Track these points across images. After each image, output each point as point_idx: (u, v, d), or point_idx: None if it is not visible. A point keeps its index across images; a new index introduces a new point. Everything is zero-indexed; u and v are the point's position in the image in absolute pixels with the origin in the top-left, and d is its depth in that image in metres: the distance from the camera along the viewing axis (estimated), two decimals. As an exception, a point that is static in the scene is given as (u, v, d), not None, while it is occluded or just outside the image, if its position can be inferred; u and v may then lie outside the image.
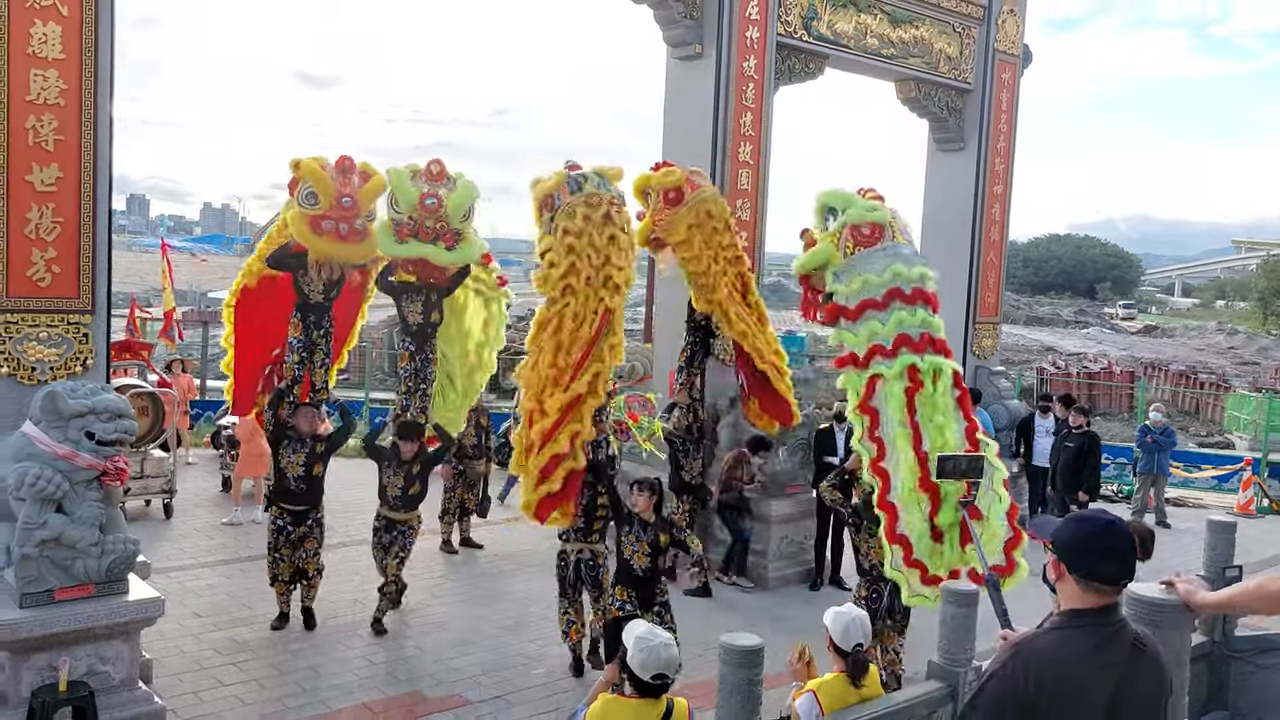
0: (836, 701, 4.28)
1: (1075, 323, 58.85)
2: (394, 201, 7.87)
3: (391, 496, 7.99)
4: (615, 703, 3.99)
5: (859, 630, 4.46)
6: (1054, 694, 2.64)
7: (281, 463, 7.79)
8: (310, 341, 8.12)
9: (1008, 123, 12.82)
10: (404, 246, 7.89)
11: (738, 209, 10.09)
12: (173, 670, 7.05)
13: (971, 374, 12.79)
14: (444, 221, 7.94)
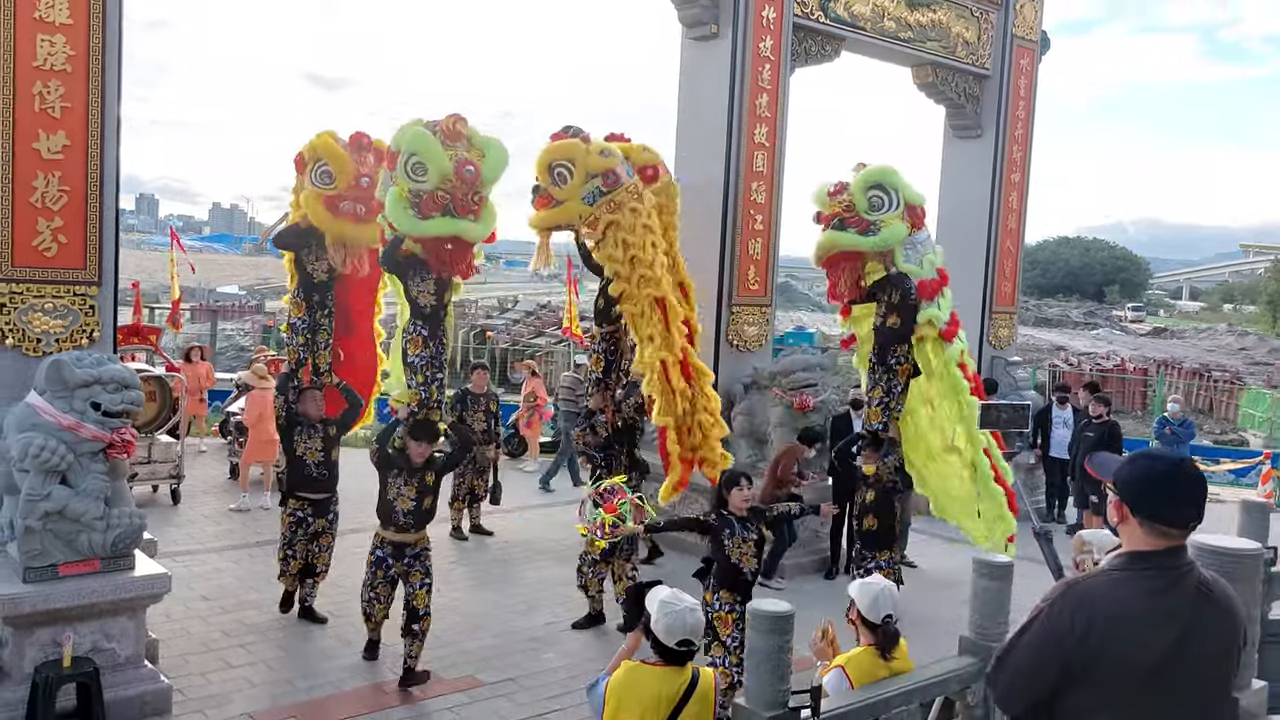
0: (866, 675, 4.12)
1: (1084, 324, 58.63)
2: (415, 169, 6.46)
3: (402, 512, 6.58)
4: (638, 670, 3.84)
5: (888, 601, 4.28)
6: (1105, 638, 2.47)
7: (298, 450, 7.42)
8: (314, 322, 7.73)
9: (1026, 110, 12.66)
10: (430, 223, 6.53)
11: (753, 192, 9.96)
12: (179, 651, 6.91)
13: (988, 364, 12.63)
14: (480, 192, 6.70)
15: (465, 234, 6.64)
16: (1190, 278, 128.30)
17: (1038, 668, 2.59)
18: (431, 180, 6.45)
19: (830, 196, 7.62)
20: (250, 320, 28.63)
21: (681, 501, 9.03)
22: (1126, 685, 2.45)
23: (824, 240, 7.61)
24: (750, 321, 10.08)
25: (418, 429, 6.67)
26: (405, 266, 6.95)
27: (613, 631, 7.79)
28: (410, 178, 6.47)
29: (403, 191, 6.57)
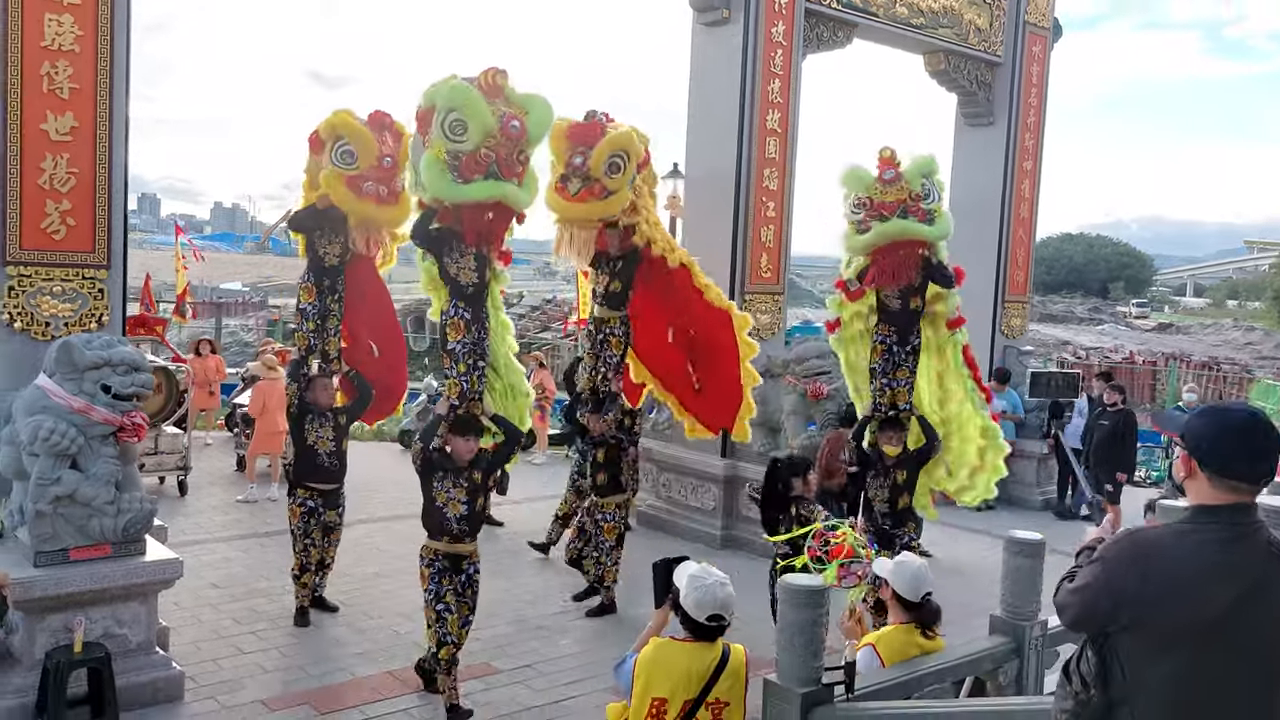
0: (897, 653, 4.04)
1: (1089, 320, 58.47)
2: (454, 127, 5.70)
3: (454, 519, 5.81)
4: (667, 646, 3.75)
5: (927, 579, 4.19)
6: (1163, 592, 2.39)
7: (309, 439, 7.20)
8: (324, 307, 7.47)
9: (1038, 97, 12.56)
10: (472, 187, 5.77)
11: (765, 179, 9.87)
12: (190, 638, 6.83)
13: (1000, 353, 12.54)
14: (525, 151, 6.00)
15: (509, 199, 5.88)
16: (1194, 274, 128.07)
17: (1089, 612, 2.53)
18: (473, 139, 5.69)
19: (885, 184, 7.39)
20: (255, 316, 28.58)
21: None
22: (1184, 638, 2.38)
23: (892, 228, 7.28)
24: (763, 310, 9.99)
25: (461, 424, 5.94)
26: (441, 241, 6.25)
27: (626, 619, 7.72)
28: (448, 137, 5.71)
29: (439, 153, 5.79)
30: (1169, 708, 2.40)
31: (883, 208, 7.33)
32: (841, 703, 3.48)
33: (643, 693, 3.67)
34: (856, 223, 7.49)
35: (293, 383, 7.41)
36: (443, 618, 5.86)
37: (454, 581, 5.91)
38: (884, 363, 7.80)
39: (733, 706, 3.73)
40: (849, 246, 7.61)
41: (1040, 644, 4.24)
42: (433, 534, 5.93)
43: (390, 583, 8.13)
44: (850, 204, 7.51)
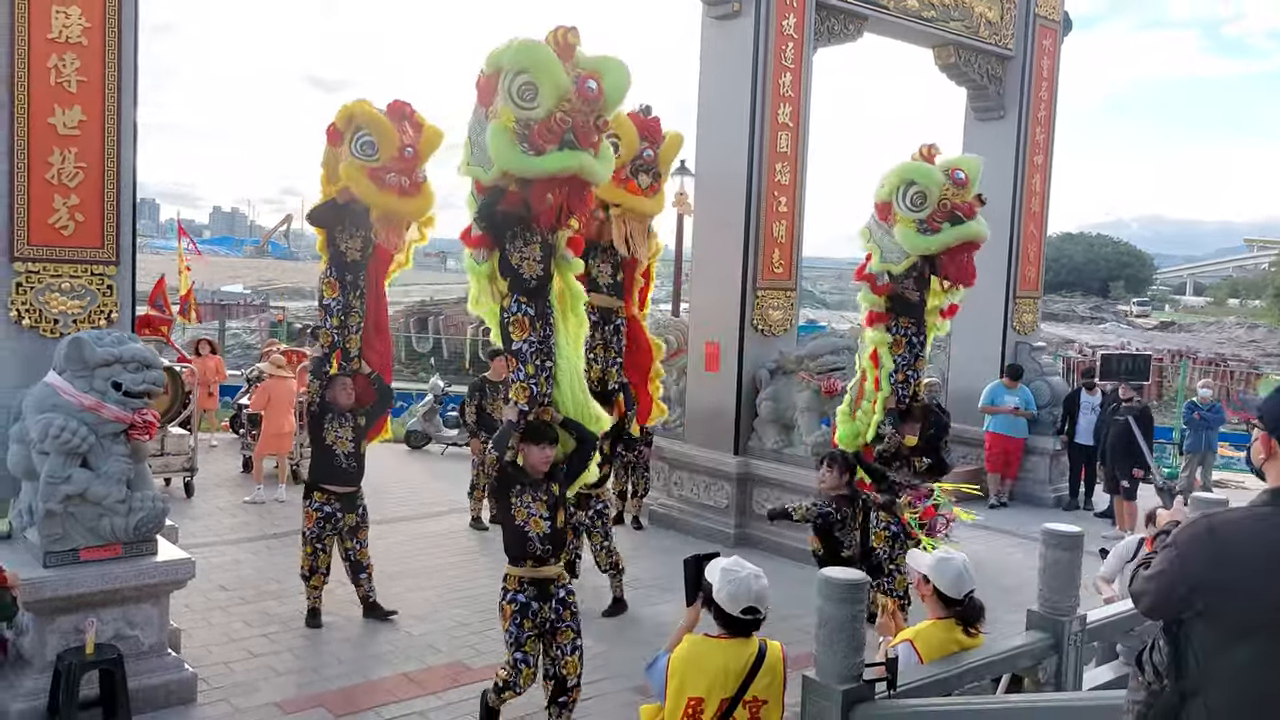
0: (936, 649, 3.93)
1: (1091, 319, 58.49)
2: (524, 92, 5.02)
3: (539, 538, 5.22)
4: (702, 643, 3.65)
5: (970, 576, 4.08)
6: (1238, 576, 2.29)
7: (328, 440, 7.02)
8: (347, 304, 7.26)
9: (1049, 91, 12.47)
10: (546, 158, 5.02)
11: (777, 173, 9.77)
12: (201, 641, 6.73)
13: (1012, 349, 12.45)
14: (603, 116, 5.24)
15: (586, 171, 5.11)
16: (1194, 273, 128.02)
17: (1164, 599, 2.43)
18: (545, 103, 4.99)
19: (958, 186, 7.32)
20: (257, 318, 28.48)
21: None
22: (1260, 625, 2.28)
23: (969, 231, 7.26)
24: (775, 305, 9.89)
25: (533, 432, 5.30)
26: (507, 225, 5.41)
27: (642, 617, 7.62)
28: (517, 103, 5.03)
29: (507, 122, 5.05)
30: (1242, 699, 2.30)
31: (957, 209, 7.24)
32: (883, 699, 3.37)
33: (678, 692, 3.56)
34: (919, 221, 7.29)
35: (314, 380, 7.20)
36: (518, 668, 5.27)
37: (539, 615, 5.30)
38: (906, 355, 7.73)
39: (771, 704, 3.63)
40: (912, 244, 7.33)
41: (1079, 639, 4.14)
42: (516, 559, 5.30)
43: (402, 584, 8.03)
44: (910, 199, 7.29)
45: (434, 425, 14.10)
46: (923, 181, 7.24)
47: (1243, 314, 71.35)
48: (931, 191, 7.21)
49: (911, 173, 7.31)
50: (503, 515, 5.34)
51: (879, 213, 7.53)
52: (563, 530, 5.39)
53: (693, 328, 10.43)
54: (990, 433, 11.89)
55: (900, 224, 7.32)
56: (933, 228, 7.24)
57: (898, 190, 7.32)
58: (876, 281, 7.67)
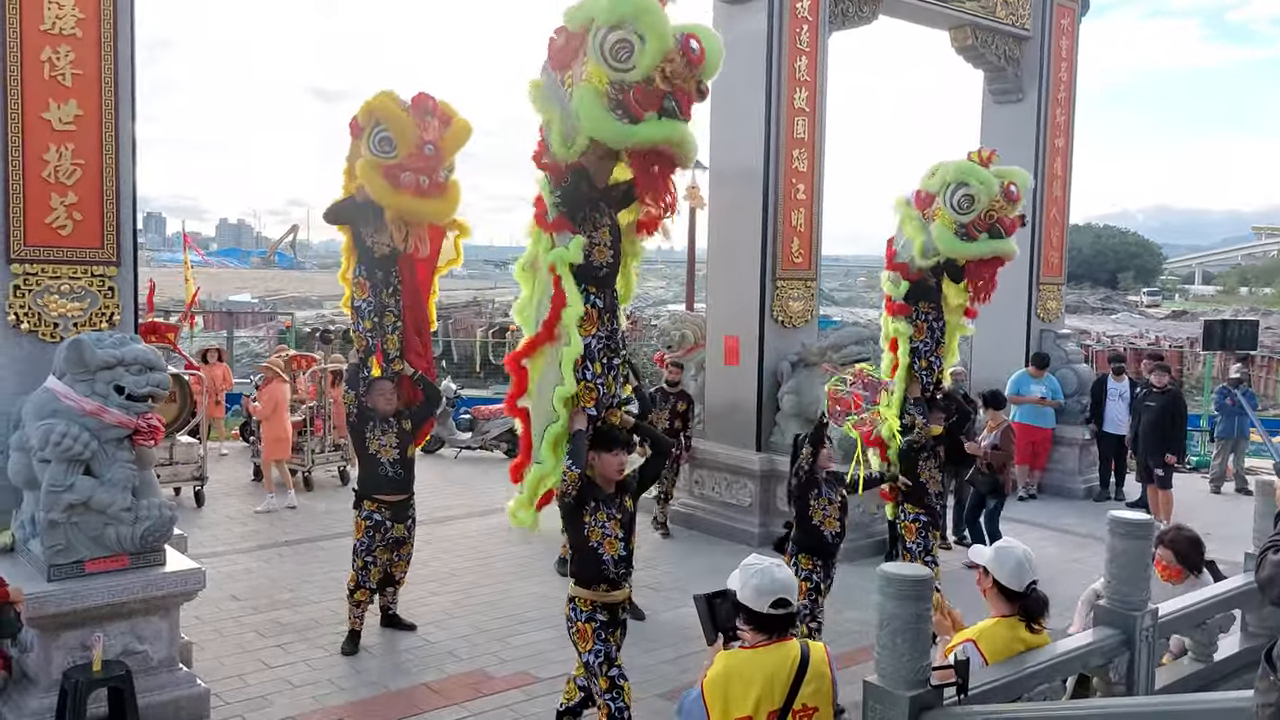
0: (1001, 649, 3.62)
1: (1102, 310, 58.25)
2: (616, 50, 4.39)
3: (613, 560, 4.79)
4: (737, 656, 3.33)
5: (1031, 566, 3.78)
6: None
7: (371, 448, 6.62)
8: (380, 303, 6.74)
9: (1068, 71, 12.17)
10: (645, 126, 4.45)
11: (795, 159, 9.50)
12: (213, 654, 6.49)
13: (1037, 337, 12.15)
14: (704, 84, 4.58)
15: (686, 144, 4.52)
16: (1202, 262, 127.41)
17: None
18: (646, 63, 4.32)
19: (1010, 202, 7.19)
20: (265, 327, 28.29)
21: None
22: None
23: (1005, 248, 7.26)
24: (795, 296, 9.61)
25: (604, 438, 4.85)
26: (584, 208, 4.94)
27: (661, 621, 7.35)
28: (611, 63, 4.39)
29: (601, 85, 4.43)
30: None
31: (1002, 223, 7.06)
32: (953, 705, 3.10)
33: (723, 716, 3.23)
34: (960, 224, 7.06)
35: (350, 390, 6.79)
36: (617, 685, 4.77)
37: (616, 638, 4.90)
38: (929, 340, 7.52)
39: (821, 713, 3.32)
40: (948, 246, 7.15)
41: (1152, 635, 3.86)
42: (586, 581, 4.82)
43: (419, 590, 7.77)
44: (958, 200, 7.04)
45: (447, 429, 13.85)
46: (977, 187, 7.01)
47: (1253, 301, 70.94)
48: (982, 199, 7.02)
49: (968, 174, 7.06)
50: (575, 536, 4.87)
51: (918, 202, 7.27)
52: (633, 551, 4.98)
53: (711, 321, 10.15)
54: (1016, 423, 11.55)
55: (940, 220, 7.11)
56: (971, 235, 7.06)
57: (948, 187, 7.07)
58: (910, 269, 7.44)
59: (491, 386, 21.46)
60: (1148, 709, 2.77)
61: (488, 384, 22.01)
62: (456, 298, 37.65)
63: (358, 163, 6.51)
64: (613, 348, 5.07)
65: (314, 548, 9.08)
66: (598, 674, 4.78)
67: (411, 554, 7.06)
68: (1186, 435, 11.38)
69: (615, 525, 4.79)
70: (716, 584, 3.61)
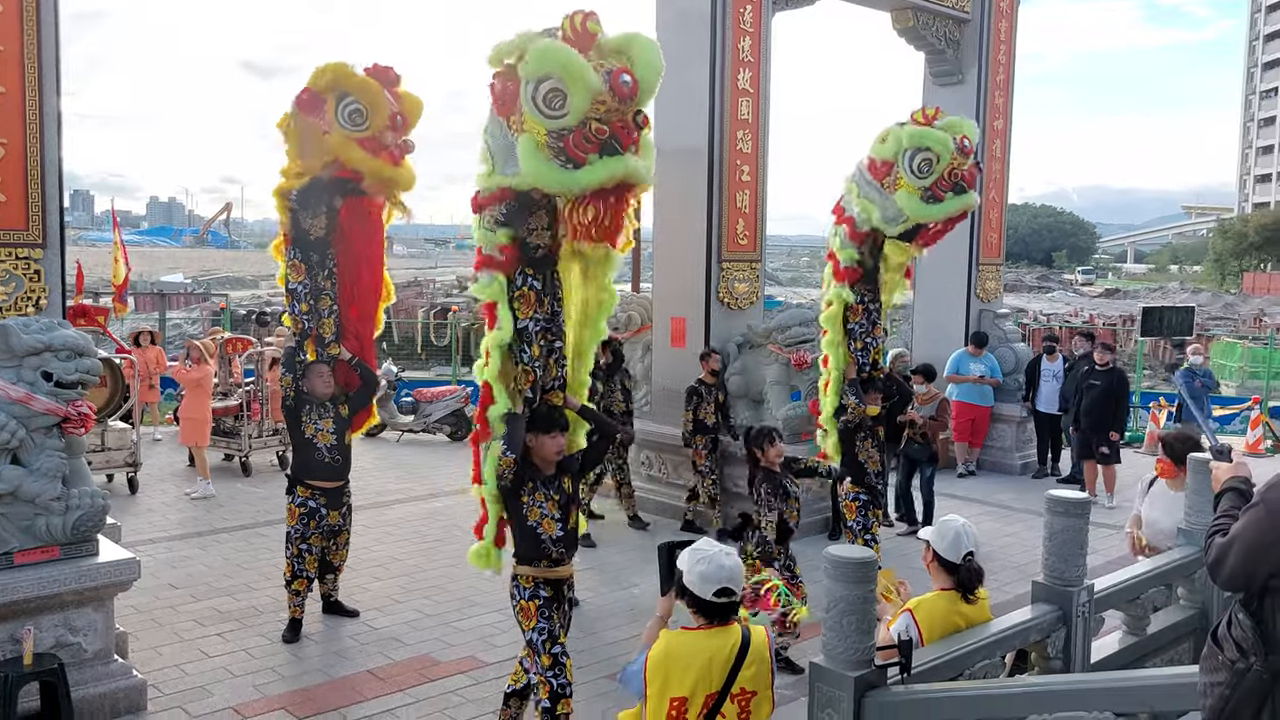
0: (939, 621, 3.69)
1: (1039, 288, 59.45)
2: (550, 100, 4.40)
3: (551, 539, 4.79)
4: (680, 637, 3.34)
5: (969, 538, 3.86)
6: None
7: (308, 433, 6.51)
8: (316, 286, 6.64)
9: (1007, 54, 12.32)
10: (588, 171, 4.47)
11: (739, 141, 9.49)
12: (150, 644, 6.35)
13: (976, 317, 12.35)
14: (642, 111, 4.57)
15: (633, 175, 4.51)
16: (1135, 241, 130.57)
17: (1252, 564, 2.22)
18: (577, 109, 4.38)
19: (965, 154, 7.01)
20: (199, 308, 27.67)
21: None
22: None
23: (973, 201, 7.14)
24: (740, 278, 9.63)
25: (542, 420, 4.84)
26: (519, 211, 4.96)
27: (610, 603, 7.37)
28: (545, 113, 4.44)
29: (538, 136, 4.47)
30: None
31: (963, 178, 7.02)
32: (897, 685, 3.14)
33: (659, 694, 3.26)
34: (924, 188, 7.01)
35: (288, 373, 6.63)
36: (559, 662, 4.78)
37: (560, 613, 4.92)
38: (864, 322, 7.56)
39: (760, 696, 3.35)
40: (917, 212, 7.07)
41: (1088, 610, 3.95)
42: (528, 559, 4.83)
43: (362, 575, 7.69)
44: (917, 165, 6.99)
45: (388, 412, 13.69)
46: (935, 148, 6.96)
47: (1183, 279, 73.00)
48: (941, 159, 6.97)
49: (923, 138, 7.01)
50: (513, 515, 4.87)
51: (872, 170, 7.22)
52: (576, 529, 4.95)
53: (657, 303, 10.14)
54: (956, 401, 11.76)
55: (903, 189, 7.06)
56: (938, 196, 7.00)
57: (904, 154, 7.02)
58: (857, 227, 7.40)
59: (434, 368, 21.27)
60: (1092, 686, 2.84)
61: (429, 366, 21.79)
62: (397, 278, 37.17)
63: (329, 138, 6.25)
64: (553, 331, 5.04)
65: (253, 534, 8.93)
66: (541, 651, 4.77)
67: (349, 540, 6.99)
68: (1129, 413, 11.65)
69: (553, 506, 4.79)
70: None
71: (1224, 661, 2.25)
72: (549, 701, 4.68)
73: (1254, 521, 2.21)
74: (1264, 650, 2.18)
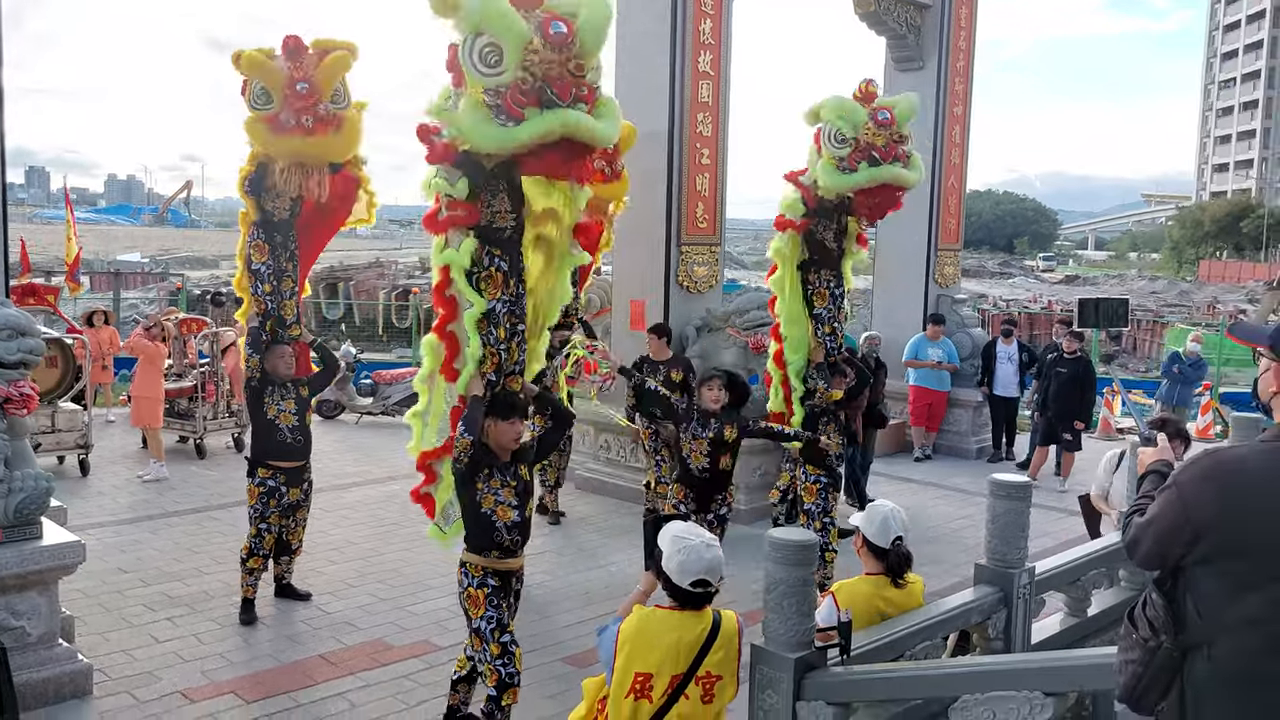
0: (860, 604, 3.73)
1: (1000, 274, 60.12)
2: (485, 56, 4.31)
3: (506, 527, 4.70)
4: (653, 616, 3.38)
5: (898, 522, 3.91)
6: (1247, 515, 2.13)
7: (269, 414, 6.51)
8: (279, 267, 6.63)
9: (967, 40, 12.39)
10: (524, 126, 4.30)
11: (699, 124, 9.48)
12: (97, 628, 6.27)
13: (934, 301, 12.45)
14: (580, 63, 4.40)
15: (573, 129, 4.29)
16: (1095, 228, 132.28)
17: (1166, 544, 2.27)
18: (510, 62, 4.25)
19: (879, 125, 7.03)
20: (156, 287, 27.25)
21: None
22: (1272, 568, 2.09)
23: (885, 174, 7.00)
24: (700, 261, 9.64)
25: (502, 406, 4.72)
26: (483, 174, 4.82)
27: (570, 586, 7.37)
28: (481, 70, 4.31)
29: (477, 95, 4.36)
30: (1254, 650, 2.12)
31: (873, 149, 7.03)
32: (836, 666, 3.17)
33: (625, 666, 3.31)
34: (840, 159, 7.10)
35: (254, 353, 6.59)
36: (508, 651, 4.69)
37: (508, 603, 4.84)
38: (830, 306, 7.59)
39: (725, 680, 3.40)
40: (829, 183, 7.15)
41: (1028, 592, 4.00)
42: (478, 547, 4.73)
43: (316, 559, 7.64)
44: (833, 138, 7.08)
45: (347, 394, 13.59)
46: (844, 120, 7.07)
47: (1142, 266, 74.12)
48: (850, 131, 7.04)
49: (833, 110, 7.14)
50: (467, 501, 4.78)
51: (815, 141, 7.36)
52: (530, 518, 4.87)
53: (616, 285, 10.13)
54: (914, 386, 11.89)
55: (824, 159, 7.18)
56: (851, 167, 7.05)
57: (825, 126, 7.16)
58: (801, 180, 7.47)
59: (395, 350, 21.12)
60: (1023, 666, 2.88)
61: (390, 348, 21.63)
62: (359, 258, 36.85)
63: (245, 121, 6.33)
64: (517, 314, 4.97)
65: (205, 517, 8.83)
66: (489, 639, 4.71)
67: (307, 520, 6.96)
68: (1094, 402, 11.82)
69: (509, 493, 4.71)
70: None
71: (1138, 640, 2.29)
72: (495, 690, 4.65)
73: (1167, 503, 2.25)
74: (1174, 629, 2.23)
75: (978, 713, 2.90)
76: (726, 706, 3.48)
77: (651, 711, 3.31)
